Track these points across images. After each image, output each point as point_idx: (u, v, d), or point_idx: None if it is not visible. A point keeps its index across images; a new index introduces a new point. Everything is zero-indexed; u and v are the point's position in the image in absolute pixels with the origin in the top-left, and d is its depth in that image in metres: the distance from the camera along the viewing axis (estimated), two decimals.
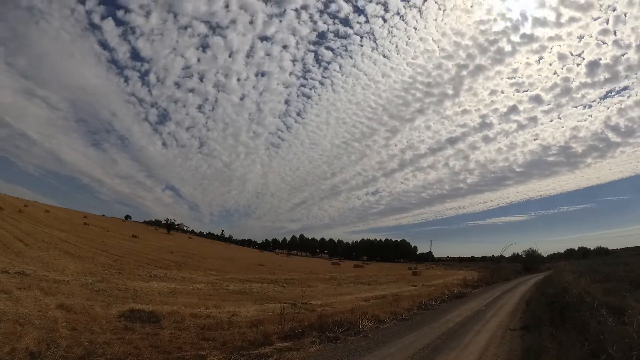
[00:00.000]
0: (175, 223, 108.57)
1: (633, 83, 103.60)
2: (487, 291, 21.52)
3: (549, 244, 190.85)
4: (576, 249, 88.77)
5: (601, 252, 71.18)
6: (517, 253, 61.99)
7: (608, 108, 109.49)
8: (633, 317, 6.17)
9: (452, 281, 28.19)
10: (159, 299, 10.78)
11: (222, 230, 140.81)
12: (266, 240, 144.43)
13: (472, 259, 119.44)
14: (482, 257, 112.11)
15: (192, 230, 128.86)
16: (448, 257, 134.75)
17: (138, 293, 11.28)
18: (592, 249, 79.35)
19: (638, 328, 5.63)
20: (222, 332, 7.45)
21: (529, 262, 52.45)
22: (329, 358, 6.23)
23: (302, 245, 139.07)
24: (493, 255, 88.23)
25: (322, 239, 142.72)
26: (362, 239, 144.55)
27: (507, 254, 67.68)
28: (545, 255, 69.87)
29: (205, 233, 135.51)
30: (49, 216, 52.01)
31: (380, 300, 14.89)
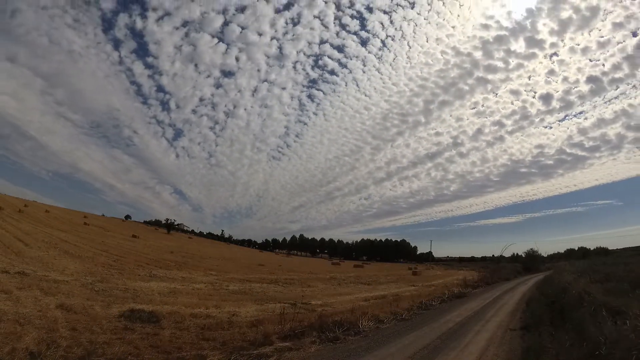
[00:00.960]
0: (175, 223, 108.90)
1: (587, 109, 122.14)
2: (487, 291, 21.53)
3: (549, 244, 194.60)
4: (576, 249, 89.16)
5: (601, 252, 71.22)
6: (517, 253, 62.18)
7: (568, 128, 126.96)
8: (632, 317, 6.17)
9: (452, 281, 28.20)
10: (159, 299, 10.78)
11: (222, 230, 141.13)
12: (266, 240, 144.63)
13: (472, 259, 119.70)
14: (482, 257, 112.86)
15: (192, 230, 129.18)
16: (448, 257, 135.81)
17: (138, 293, 11.28)
18: (592, 249, 79.56)
19: (637, 328, 5.63)
20: (222, 332, 7.45)
21: (529, 262, 52.46)
22: (329, 358, 6.23)
23: (302, 246, 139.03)
24: (493, 255, 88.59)
25: (322, 239, 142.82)
26: (362, 239, 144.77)
27: (507, 254, 67.87)
28: (545, 255, 70.08)
29: (205, 233, 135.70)
30: (48, 216, 52.02)
31: (380, 300, 14.89)
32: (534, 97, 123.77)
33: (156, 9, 79.11)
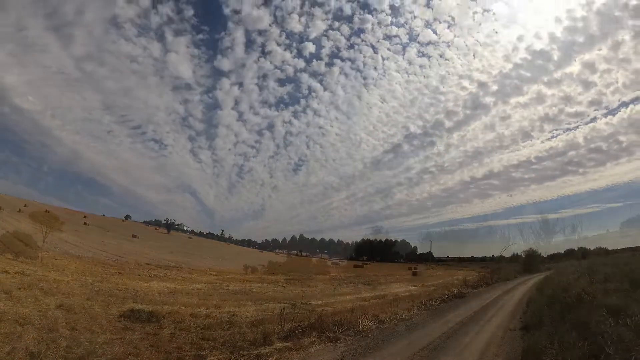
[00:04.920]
0: (175, 223, 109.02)
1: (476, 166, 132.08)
2: (487, 291, 21.52)
3: (549, 244, 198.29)
4: (576, 249, 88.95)
5: (601, 252, 71.12)
6: (517, 253, 61.99)
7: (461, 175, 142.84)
8: (632, 317, 6.17)
9: (452, 281, 28.17)
10: (159, 299, 10.78)
11: (222, 230, 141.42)
12: (266, 240, 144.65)
13: (472, 259, 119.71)
14: (482, 257, 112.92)
15: (192, 230, 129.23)
16: (448, 257, 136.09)
17: (138, 293, 11.28)
18: (592, 249, 79.41)
19: (636, 329, 5.64)
20: (222, 332, 7.45)
21: (529, 262, 52.32)
22: (329, 358, 6.23)
23: (302, 246, 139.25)
24: (493, 256, 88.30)
25: (322, 239, 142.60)
26: (362, 239, 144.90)
27: (507, 254, 67.68)
28: (545, 256, 69.82)
29: (205, 233, 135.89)
30: (48, 216, 51.99)
31: (380, 300, 14.89)
32: (433, 166, 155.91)
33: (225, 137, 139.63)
